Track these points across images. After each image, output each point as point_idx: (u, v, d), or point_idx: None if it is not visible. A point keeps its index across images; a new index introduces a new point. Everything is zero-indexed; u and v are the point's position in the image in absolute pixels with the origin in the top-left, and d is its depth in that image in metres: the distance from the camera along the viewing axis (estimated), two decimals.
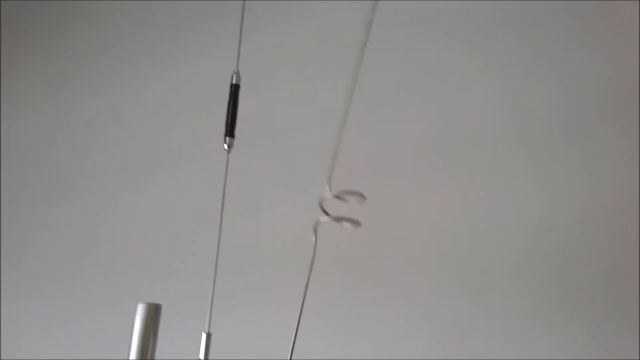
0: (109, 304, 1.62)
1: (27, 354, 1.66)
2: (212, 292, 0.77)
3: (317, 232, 0.69)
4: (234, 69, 0.89)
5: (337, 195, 0.67)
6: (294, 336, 0.70)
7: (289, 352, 0.69)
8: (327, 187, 0.68)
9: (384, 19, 1.66)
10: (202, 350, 0.75)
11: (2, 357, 1.64)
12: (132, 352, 0.73)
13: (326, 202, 0.68)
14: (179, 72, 1.84)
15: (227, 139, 0.84)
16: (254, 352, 1.43)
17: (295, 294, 0.73)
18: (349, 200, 0.68)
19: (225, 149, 0.84)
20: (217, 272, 0.82)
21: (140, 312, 0.74)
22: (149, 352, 0.73)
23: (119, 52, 1.97)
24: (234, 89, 0.86)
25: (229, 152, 0.84)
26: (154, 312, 0.75)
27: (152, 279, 1.61)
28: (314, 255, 0.69)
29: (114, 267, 1.68)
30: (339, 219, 0.69)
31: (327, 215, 0.68)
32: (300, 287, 0.73)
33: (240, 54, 0.92)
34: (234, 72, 0.87)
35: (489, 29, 1.57)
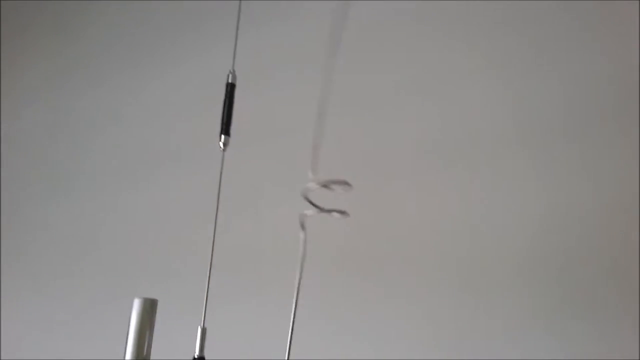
0: (108, 302, 1.63)
1: (27, 351, 1.68)
2: (207, 287, 0.78)
3: (304, 226, 0.69)
4: (239, 64, 0.90)
5: (323, 184, 0.67)
6: (290, 335, 0.71)
7: (286, 351, 0.70)
8: (311, 178, 0.68)
9: (383, 19, 1.69)
10: (198, 344, 0.76)
11: (2, 357, 1.65)
12: (128, 346, 0.74)
13: (312, 193, 0.68)
14: (179, 71, 1.85)
15: (222, 137, 0.85)
16: (253, 350, 1.44)
17: (293, 292, 0.74)
18: (335, 189, 0.67)
19: (220, 147, 0.85)
20: (216, 270, 0.83)
21: (136, 307, 0.75)
22: (145, 346, 0.74)
23: (119, 51, 1.98)
24: (230, 88, 0.88)
25: (224, 151, 0.85)
26: (149, 307, 0.76)
27: (151, 278, 1.62)
28: (304, 250, 0.69)
29: (113, 266, 1.69)
30: (326, 211, 0.69)
31: (314, 206, 0.68)
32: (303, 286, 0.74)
33: (239, 54, 0.93)
34: (230, 72, 0.88)
35: (489, 28, 1.58)
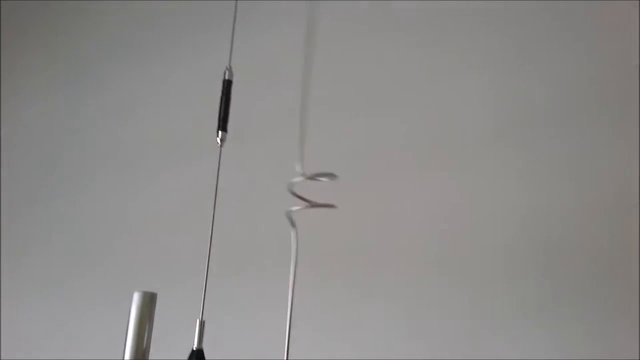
0: (108, 296, 1.66)
1: (27, 346, 1.70)
2: (205, 281, 0.79)
3: (293, 221, 0.70)
4: (239, 64, 0.91)
5: (309, 177, 0.68)
6: (288, 331, 0.72)
7: (285, 349, 0.71)
8: (298, 172, 0.69)
9: (370, 18, 1.71)
10: (196, 337, 0.77)
11: (2, 357, 1.68)
12: (128, 339, 0.75)
13: (303, 190, 0.69)
14: (179, 69, 1.87)
15: (219, 133, 0.86)
16: (252, 347, 1.47)
17: (288, 286, 0.75)
18: (322, 181, 0.68)
19: (218, 143, 0.86)
20: (216, 266, 0.84)
21: (136, 300, 0.77)
22: (145, 339, 0.76)
23: (119, 50, 1.99)
24: (227, 84, 0.89)
25: (221, 146, 0.86)
26: (149, 300, 0.78)
27: (153, 273, 1.64)
28: (297, 245, 0.70)
29: (115, 261, 1.72)
30: (312, 205, 0.69)
31: (301, 199, 0.69)
32: (298, 281, 0.75)
33: (240, 52, 0.94)
34: (227, 68, 0.89)
35: (472, 28, 1.62)
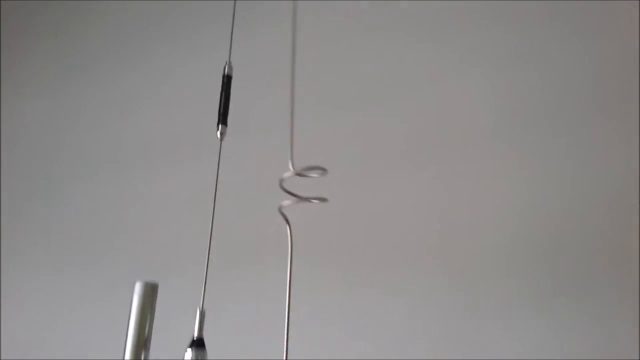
0: (111, 289, 1.68)
1: (28, 337, 1.72)
2: (205, 271, 0.81)
3: (285, 216, 0.71)
4: (237, 63, 0.93)
5: (298, 172, 0.68)
6: (286, 325, 0.73)
7: (284, 346, 0.72)
8: (290, 167, 0.70)
9: (367, 16, 1.72)
10: (197, 326, 0.78)
11: (3, 349, 1.69)
12: (129, 328, 0.77)
13: (294, 182, 0.69)
14: (181, 65, 1.88)
15: (219, 127, 0.88)
16: (251, 343, 1.49)
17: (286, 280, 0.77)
18: (312, 175, 0.69)
19: (218, 137, 0.88)
20: (216, 258, 0.86)
21: (137, 290, 0.78)
22: (146, 328, 0.77)
23: (119, 46, 2.00)
24: (227, 79, 0.90)
25: (221, 140, 0.88)
26: (151, 291, 0.79)
27: (154, 265, 1.66)
28: (292, 241, 0.71)
29: (116, 254, 1.74)
30: (304, 199, 0.70)
31: (291, 194, 0.70)
32: (296, 276, 0.76)
33: (236, 50, 0.95)
34: (226, 63, 0.91)
35: (472, 23, 1.63)
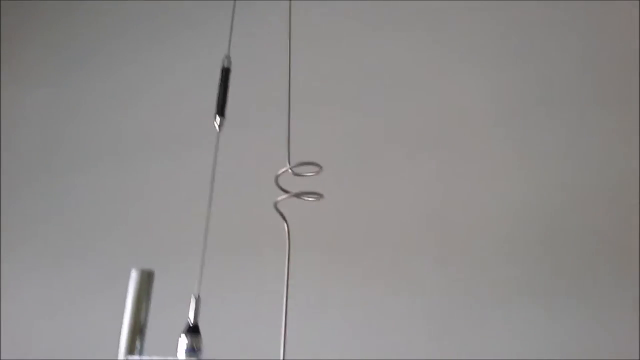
0: (108, 276, 1.74)
1: (27, 324, 1.79)
2: (201, 258, 0.81)
3: (280, 211, 0.70)
4: (234, 61, 0.94)
5: (292, 169, 0.69)
6: (284, 318, 0.72)
7: (282, 341, 0.71)
8: (287, 165, 0.70)
9: (363, 11, 1.73)
10: (192, 312, 0.78)
11: (2, 336, 1.77)
12: (126, 314, 0.79)
13: (285, 176, 0.69)
14: (179, 59, 1.95)
15: (217, 118, 0.89)
16: (250, 339, 1.48)
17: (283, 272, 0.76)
18: (306, 172, 0.69)
19: (216, 128, 0.89)
20: (215, 251, 0.87)
21: (134, 277, 0.80)
22: (142, 314, 0.79)
23: (119, 39, 2.09)
24: (225, 72, 0.92)
25: (219, 131, 0.89)
26: (147, 278, 0.81)
27: (153, 257, 1.70)
28: (289, 235, 0.70)
29: (116, 244, 1.80)
30: (299, 194, 0.70)
31: (285, 191, 0.70)
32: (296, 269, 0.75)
33: (235, 46, 0.97)
34: (225, 57, 0.93)
35: (472, 22, 1.62)
